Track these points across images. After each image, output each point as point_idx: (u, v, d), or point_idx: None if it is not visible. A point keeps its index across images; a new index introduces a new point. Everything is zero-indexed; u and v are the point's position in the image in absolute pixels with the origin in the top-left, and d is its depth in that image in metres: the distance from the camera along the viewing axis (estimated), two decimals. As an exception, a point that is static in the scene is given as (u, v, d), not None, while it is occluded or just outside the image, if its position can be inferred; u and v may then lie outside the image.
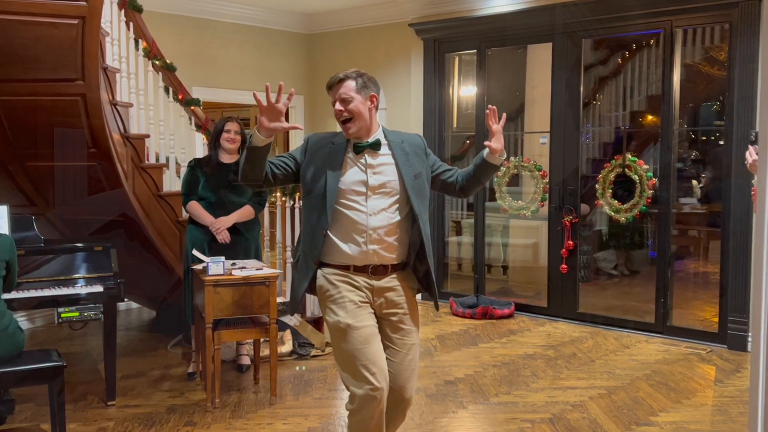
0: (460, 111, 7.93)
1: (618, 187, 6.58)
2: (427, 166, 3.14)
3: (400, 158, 3.03)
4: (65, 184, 4.91)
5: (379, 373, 2.88)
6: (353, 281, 2.99)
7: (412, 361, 3.06)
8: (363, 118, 2.99)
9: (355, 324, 2.92)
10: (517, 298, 7.26)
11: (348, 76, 3.00)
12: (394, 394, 3.03)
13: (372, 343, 2.92)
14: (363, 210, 2.96)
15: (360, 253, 2.97)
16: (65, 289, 4.34)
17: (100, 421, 4.24)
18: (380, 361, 2.91)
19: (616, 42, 7.78)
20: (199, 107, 5.98)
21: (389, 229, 2.99)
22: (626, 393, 4.76)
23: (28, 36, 4.07)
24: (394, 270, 3.05)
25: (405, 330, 3.06)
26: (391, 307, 3.05)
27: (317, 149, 3.05)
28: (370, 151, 3.01)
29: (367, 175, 2.99)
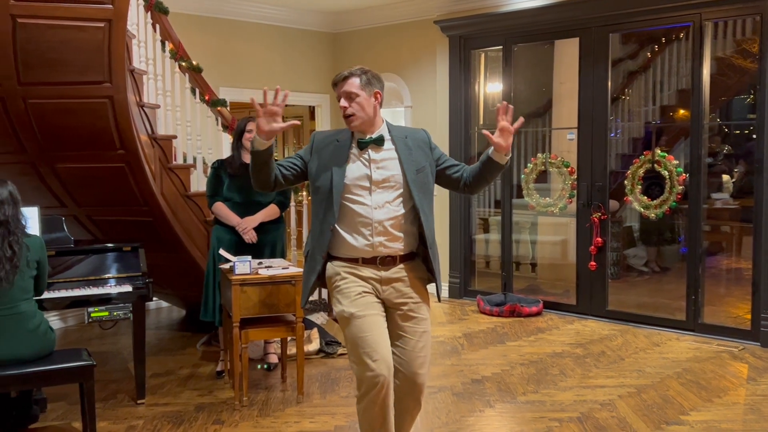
0: (487, 108, 7.88)
1: (647, 183, 6.49)
2: (431, 161, 3.18)
3: (402, 153, 3.10)
4: (94, 185, 4.97)
5: (381, 360, 2.94)
6: (360, 273, 3.08)
7: (424, 348, 3.12)
8: (367, 114, 3.07)
9: (358, 313, 3.01)
10: (546, 296, 7.21)
11: (353, 73, 3.07)
12: (407, 381, 3.10)
13: (374, 331, 2.99)
14: (368, 204, 3.05)
15: (367, 246, 3.05)
16: (95, 289, 4.40)
17: (129, 419, 4.29)
18: (382, 348, 2.97)
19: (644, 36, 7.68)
20: (225, 108, 6.02)
21: (394, 222, 3.07)
22: (656, 391, 4.70)
23: (55, 39, 4.13)
24: (402, 260, 3.12)
25: (416, 318, 3.12)
26: (400, 296, 3.12)
27: (323, 147, 3.14)
28: (373, 146, 3.10)
29: (370, 169, 3.07)
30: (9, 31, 4.02)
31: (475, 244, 7.81)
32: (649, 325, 6.36)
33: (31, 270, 3.72)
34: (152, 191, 4.97)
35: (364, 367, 2.95)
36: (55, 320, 6.41)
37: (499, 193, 7.58)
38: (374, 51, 8.35)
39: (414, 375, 3.09)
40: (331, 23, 8.61)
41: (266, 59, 8.11)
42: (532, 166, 7.11)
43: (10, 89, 4.24)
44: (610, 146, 6.69)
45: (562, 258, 7.75)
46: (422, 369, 3.12)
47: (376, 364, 2.93)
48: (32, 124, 4.45)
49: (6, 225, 3.62)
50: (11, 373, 3.57)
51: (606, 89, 6.55)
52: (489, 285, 7.58)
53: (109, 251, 4.61)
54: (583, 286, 6.83)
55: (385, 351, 2.98)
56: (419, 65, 7.92)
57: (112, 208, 5.21)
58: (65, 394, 4.55)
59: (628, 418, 4.24)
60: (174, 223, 5.28)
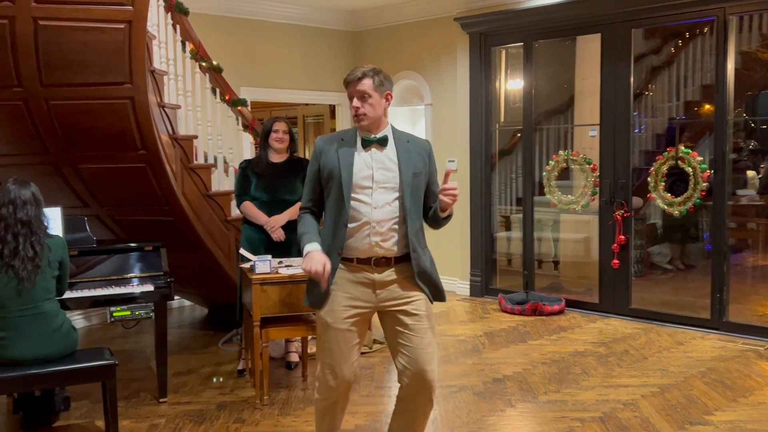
0: (508, 105, 7.84)
1: (671, 180, 6.42)
2: (426, 171, 3.20)
3: (402, 155, 3.12)
4: (116, 185, 5.01)
5: (341, 376, 3.10)
6: (354, 278, 3.11)
7: (429, 344, 3.12)
8: (377, 115, 3.10)
9: (334, 324, 3.09)
10: (568, 294, 7.15)
11: (366, 74, 3.08)
12: (416, 379, 3.08)
13: (343, 346, 3.09)
14: (368, 203, 3.07)
15: (364, 245, 3.08)
16: (117, 289, 4.43)
17: (152, 417, 4.32)
18: (346, 364, 3.10)
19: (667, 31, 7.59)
20: (245, 107, 6.04)
21: (391, 223, 3.09)
22: (680, 391, 4.65)
23: (76, 41, 4.17)
24: (396, 262, 3.13)
25: (416, 315, 3.12)
26: (397, 297, 3.13)
27: (327, 149, 3.15)
28: (377, 145, 3.12)
29: (373, 169, 3.09)
30: (31, 34, 4.07)
31: (496, 241, 7.77)
32: (673, 324, 6.29)
33: (53, 270, 3.75)
34: (173, 191, 5.01)
35: (326, 376, 3.13)
36: (78, 319, 6.48)
37: (521, 191, 7.53)
38: (394, 49, 8.34)
39: (423, 372, 3.07)
40: (351, 22, 8.60)
41: (287, 58, 8.12)
42: (553, 163, 7.06)
43: (32, 91, 4.29)
44: (633, 143, 6.63)
45: (585, 256, 7.68)
46: (430, 365, 3.09)
47: (336, 378, 3.10)
48: (54, 125, 4.50)
49: (28, 225, 3.66)
50: (34, 372, 3.62)
51: (629, 85, 6.48)
52: (510, 283, 7.54)
53: (131, 251, 4.64)
54: (606, 284, 6.77)
55: (347, 367, 3.11)
56: (439, 63, 7.90)
57: (134, 207, 5.25)
58: (88, 392, 4.60)
59: (652, 418, 4.19)
60: (195, 223, 5.31)
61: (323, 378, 3.15)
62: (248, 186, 5.00)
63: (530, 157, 7.28)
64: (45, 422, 4.18)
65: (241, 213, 5.11)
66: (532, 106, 7.23)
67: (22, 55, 4.14)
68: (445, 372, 5.12)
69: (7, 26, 4.04)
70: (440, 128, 7.98)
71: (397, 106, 8.57)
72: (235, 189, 5.12)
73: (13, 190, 3.70)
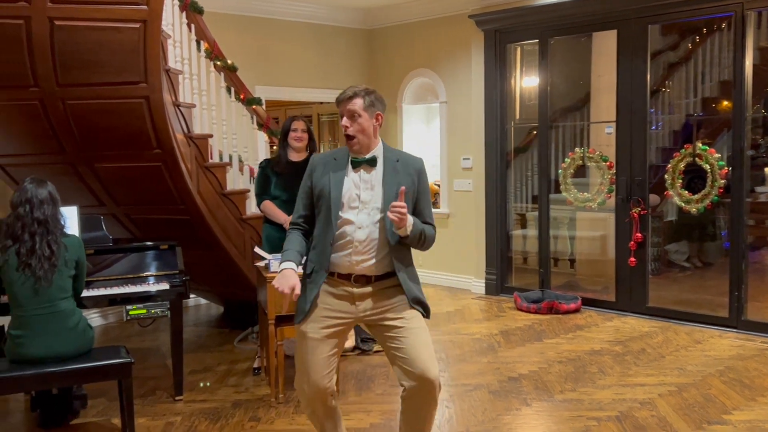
0: (523, 102, 7.80)
1: (688, 177, 6.36)
2: (415, 189, 3.17)
3: (387, 175, 3.12)
4: (132, 184, 5.03)
5: (312, 383, 3.11)
6: (333, 289, 3.13)
7: (424, 342, 3.10)
8: (367, 135, 3.11)
9: (310, 334, 3.11)
10: (584, 293, 7.12)
11: (357, 94, 3.09)
12: (419, 379, 3.04)
13: (317, 356, 3.10)
14: (353, 222, 3.09)
15: (345, 263, 3.10)
16: (133, 287, 4.45)
17: (168, 415, 4.34)
18: (319, 373, 3.10)
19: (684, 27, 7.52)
20: (260, 106, 6.05)
21: (373, 243, 3.10)
22: (698, 390, 4.61)
23: (92, 41, 4.19)
24: (377, 280, 3.14)
25: (403, 318, 3.12)
26: (376, 307, 3.14)
27: (321, 166, 3.18)
28: (366, 166, 3.13)
29: (360, 189, 3.11)
30: (47, 34, 4.09)
31: (512, 239, 7.74)
32: (691, 322, 6.24)
33: (70, 269, 3.77)
34: (189, 190, 5.02)
35: (302, 384, 3.17)
36: (95, 317, 6.52)
37: (537, 188, 7.50)
38: (409, 47, 8.32)
39: (424, 370, 3.03)
40: (366, 20, 8.60)
41: (301, 57, 8.12)
42: (569, 160, 7.02)
43: (48, 91, 4.31)
44: (649, 140, 6.57)
45: (601, 254, 7.63)
46: (430, 363, 3.06)
47: (310, 387, 3.13)
48: (71, 125, 4.52)
49: (45, 224, 3.68)
50: (51, 370, 3.64)
51: (645, 82, 6.43)
52: (526, 281, 7.51)
53: (146, 249, 4.67)
54: (623, 282, 6.73)
55: (321, 377, 3.11)
56: (454, 60, 7.87)
57: (150, 206, 5.27)
58: (105, 390, 4.62)
59: (669, 417, 4.16)
60: (210, 221, 5.32)
61: (299, 386, 3.19)
62: (268, 185, 5.02)
63: (546, 154, 7.24)
64: (62, 420, 4.21)
65: (261, 212, 5.13)
66: (547, 104, 7.19)
67: (38, 55, 4.16)
68: (460, 371, 5.11)
69: (24, 26, 4.06)
70: (455, 126, 7.96)
71: (411, 104, 8.56)
72: (255, 188, 5.15)
73: (30, 189, 3.72)
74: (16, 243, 3.64)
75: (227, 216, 5.59)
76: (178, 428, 4.14)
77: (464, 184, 7.90)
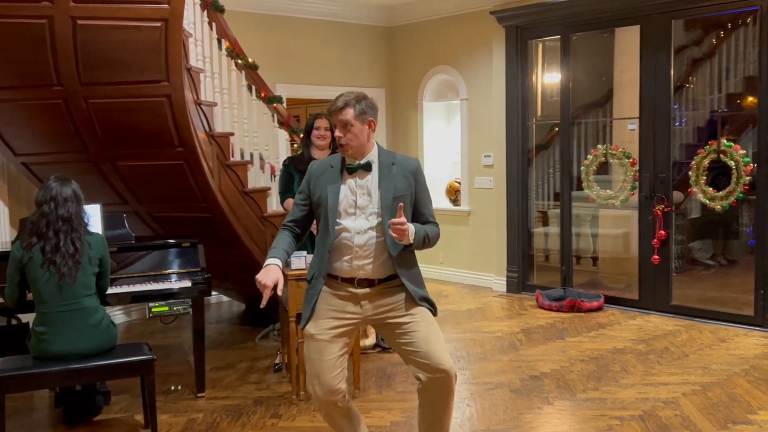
0: (545, 99, 7.75)
1: (713, 174, 6.28)
2: (412, 191, 3.19)
3: (383, 178, 3.14)
4: (154, 182, 5.07)
5: (323, 384, 3.12)
6: (337, 293, 3.16)
7: (434, 333, 3.11)
8: (360, 142, 3.13)
9: (317, 335, 3.13)
10: (607, 291, 7.06)
11: (348, 104, 3.10)
12: (434, 371, 3.05)
13: (323, 357, 3.12)
14: (351, 228, 3.11)
15: (346, 268, 3.14)
16: (155, 285, 4.48)
17: (190, 412, 4.36)
18: (329, 375, 3.12)
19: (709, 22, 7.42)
20: (281, 104, 6.06)
21: (373, 248, 3.12)
22: (722, 389, 4.55)
23: (114, 40, 4.23)
24: (380, 283, 3.16)
25: (410, 314, 3.13)
26: (382, 305, 3.15)
27: (319, 175, 3.21)
28: (361, 171, 3.15)
29: (356, 195, 3.14)
30: (69, 33, 4.13)
31: (533, 237, 7.70)
32: (715, 321, 6.17)
33: (93, 267, 3.80)
34: (210, 188, 5.05)
35: (313, 387, 3.17)
36: (119, 314, 6.57)
37: (559, 186, 7.45)
38: (429, 43, 8.30)
39: (438, 363, 3.05)
40: (386, 17, 8.58)
41: (322, 55, 8.13)
42: (592, 157, 6.96)
43: (71, 90, 4.35)
44: (673, 136, 6.51)
45: (624, 251, 7.57)
46: (443, 353, 3.08)
47: (321, 388, 3.14)
48: (94, 124, 4.57)
49: (69, 222, 3.72)
50: (75, 366, 3.68)
51: (669, 78, 6.36)
52: (548, 279, 7.46)
53: (169, 247, 4.70)
54: (646, 280, 6.66)
55: (330, 378, 3.12)
56: (475, 57, 7.84)
57: (172, 204, 5.30)
58: (128, 387, 4.66)
59: (693, 416, 4.11)
60: (232, 219, 5.35)
61: (311, 388, 3.20)
62: (291, 183, 5.03)
63: (568, 151, 7.19)
64: (86, 416, 4.24)
65: (284, 210, 5.14)
66: (569, 100, 7.14)
67: (61, 54, 4.21)
68: (482, 369, 5.09)
69: (47, 26, 4.11)
70: (476, 123, 7.93)
71: (432, 102, 8.53)
72: (279, 186, 5.17)
73: (54, 188, 3.76)
74: (41, 240, 3.68)
75: (248, 214, 5.61)
76: (200, 425, 4.17)
77: (485, 181, 7.86)
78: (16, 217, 5.17)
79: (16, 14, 4.07)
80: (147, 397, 3.91)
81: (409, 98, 8.62)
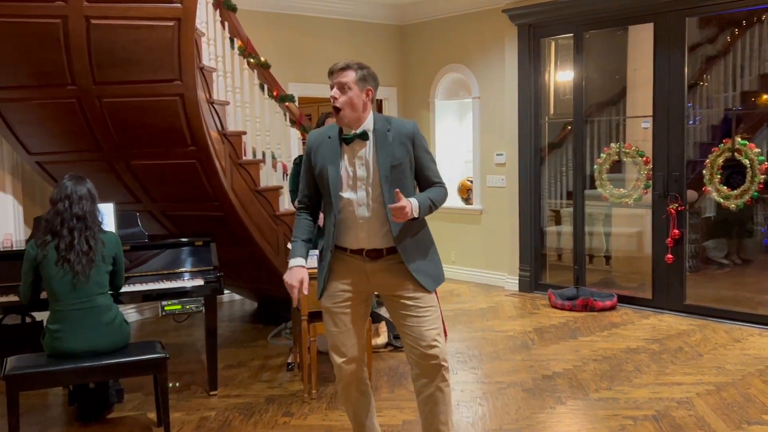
0: (557, 97, 7.71)
1: (727, 173, 6.24)
2: (411, 156, 3.17)
3: (379, 147, 3.12)
4: (167, 181, 5.08)
5: (347, 354, 3.25)
6: (347, 263, 3.21)
7: (432, 319, 3.18)
8: (355, 109, 3.10)
9: (333, 308, 3.24)
10: (620, 290, 7.02)
11: (350, 66, 3.09)
12: (423, 357, 3.15)
13: (340, 327, 3.24)
14: (353, 199, 3.13)
15: (353, 239, 3.17)
16: (168, 283, 4.50)
17: (202, 410, 4.38)
18: (347, 343, 3.25)
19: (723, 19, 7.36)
20: (293, 103, 6.06)
21: (376, 218, 3.13)
22: (737, 389, 4.52)
23: (127, 39, 4.24)
24: (389, 253, 3.17)
25: (413, 297, 3.17)
26: (389, 284, 3.20)
27: (317, 147, 3.21)
28: (358, 141, 3.13)
29: (355, 167, 3.14)
30: (83, 33, 4.15)
31: (546, 236, 7.67)
32: (730, 320, 6.13)
33: (107, 265, 3.82)
34: (223, 186, 5.06)
35: (334, 358, 3.29)
36: (132, 313, 6.60)
37: (571, 184, 7.42)
38: (441, 42, 8.28)
39: (428, 347, 3.13)
40: (398, 15, 8.57)
41: (334, 53, 8.09)
42: (605, 156, 6.93)
43: (85, 89, 4.38)
44: (687, 134, 6.47)
45: (638, 250, 7.53)
46: (435, 340, 3.14)
47: (341, 357, 3.26)
48: (107, 122, 4.59)
49: (83, 220, 3.74)
50: (88, 364, 3.70)
51: (682, 75, 6.32)
52: (561, 278, 7.43)
53: (181, 246, 4.72)
54: (660, 279, 6.63)
55: (349, 346, 3.25)
56: (487, 55, 7.82)
57: (185, 203, 5.32)
58: (141, 384, 4.68)
59: (707, 417, 4.08)
60: (244, 218, 5.36)
61: (333, 360, 3.30)
62: None
63: (581, 149, 7.16)
64: (99, 414, 4.27)
65: (295, 208, 5.13)
66: (582, 98, 7.11)
67: (75, 53, 4.23)
68: (494, 368, 5.07)
69: (61, 26, 4.13)
70: (488, 121, 7.91)
71: (444, 100, 8.52)
72: (290, 184, 5.19)
73: (69, 186, 3.78)
74: (55, 238, 3.70)
75: (261, 212, 5.62)
76: (213, 423, 4.18)
77: (497, 180, 7.84)
78: (31, 216, 5.20)
79: (31, 14, 4.10)
80: (160, 395, 3.92)
81: (421, 97, 8.61)
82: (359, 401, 3.39)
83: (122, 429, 4.15)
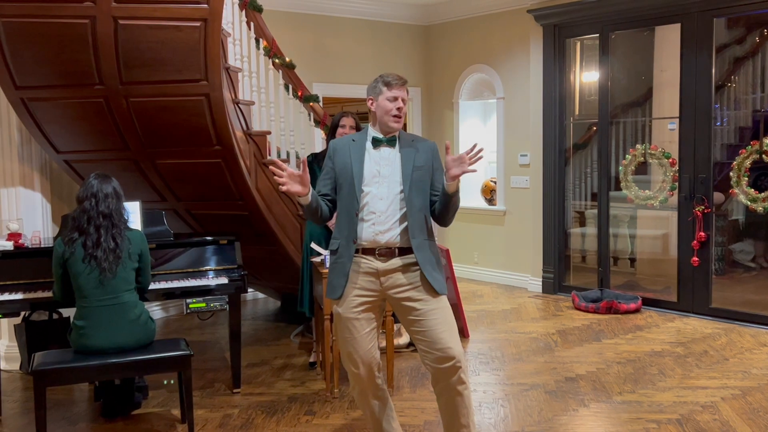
0: (583, 97, 7.67)
1: (755, 175, 6.16)
2: (430, 165, 3.34)
3: (405, 152, 3.31)
4: (192, 180, 5.13)
5: (358, 359, 3.30)
6: (360, 266, 3.28)
7: (445, 322, 3.21)
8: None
9: (345, 314, 3.29)
10: (645, 293, 6.96)
11: (406, 82, 3.39)
12: (440, 360, 3.16)
13: (354, 333, 3.29)
14: (375, 194, 3.26)
15: (369, 234, 3.25)
16: (193, 281, 4.54)
17: (225, 408, 4.41)
18: (361, 349, 3.30)
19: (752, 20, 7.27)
20: (317, 103, 6.09)
21: (394, 214, 3.26)
22: (763, 394, 4.46)
23: (154, 40, 4.28)
24: (401, 253, 3.27)
25: (423, 300, 3.23)
26: (400, 284, 3.25)
27: (341, 149, 3.38)
28: (386, 144, 3.34)
29: (380, 165, 3.30)
30: (111, 33, 4.20)
31: (570, 238, 7.63)
32: (756, 324, 6.05)
33: (133, 262, 3.87)
34: (247, 186, 5.09)
35: (348, 364, 3.36)
36: (157, 310, 6.67)
37: (596, 186, 7.37)
38: (466, 42, 8.27)
39: (445, 349, 3.15)
40: (423, 16, 8.57)
41: (358, 54, 8.15)
42: (630, 157, 6.88)
43: (113, 89, 4.43)
44: (714, 136, 6.40)
45: (663, 253, 7.46)
46: (451, 342, 3.17)
47: (356, 365, 3.32)
48: (134, 122, 4.64)
49: (110, 218, 3.78)
50: (113, 361, 3.74)
51: (710, 77, 6.26)
52: (585, 280, 7.39)
53: (206, 244, 4.75)
54: (685, 282, 6.56)
55: (363, 353, 3.30)
56: (512, 56, 7.79)
57: (210, 202, 5.36)
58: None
59: (732, 421, 4.04)
60: (268, 217, 5.39)
61: (347, 366, 3.37)
62: (314, 180, 5.00)
63: (606, 151, 7.11)
64: (124, 410, 4.32)
65: None
66: (608, 99, 7.06)
67: (103, 53, 4.28)
68: (517, 370, 5.06)
69: (89, 26, 4.18)
70: (512, 122, 7.88)
71: (468, 101, 8.50)
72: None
73: (95, 185, 3.83)
74: (82, 235, 3.75)
75: (284, 212, 5.65)
76: (236, 420, 4.21)
77: (521, 181, 7.81)
78: (59, 214, 5.27)
79: (60, 14, 4.16)
80: (184, 392, 3.95)
81: (445, 97, 8.60)
82: (376, 406, 3.44)
83: (146, 425, 4.19)
